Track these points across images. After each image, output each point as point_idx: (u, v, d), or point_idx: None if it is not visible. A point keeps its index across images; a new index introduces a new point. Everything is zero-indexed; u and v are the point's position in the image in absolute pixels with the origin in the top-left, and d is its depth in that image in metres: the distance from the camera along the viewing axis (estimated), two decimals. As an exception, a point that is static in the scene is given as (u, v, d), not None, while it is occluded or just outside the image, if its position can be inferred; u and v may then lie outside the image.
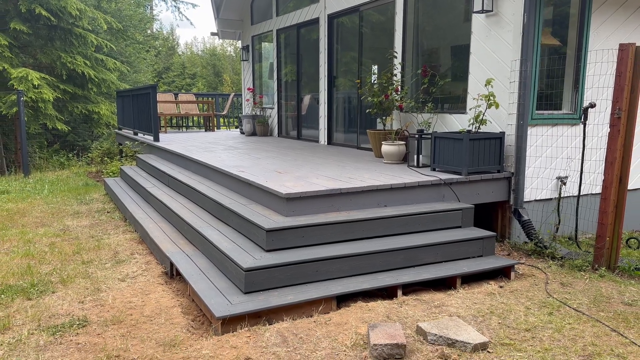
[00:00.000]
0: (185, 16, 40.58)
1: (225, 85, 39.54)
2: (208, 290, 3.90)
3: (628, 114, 4.55)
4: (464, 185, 5.35)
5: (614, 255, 4.73)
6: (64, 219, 7.06)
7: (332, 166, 6.18)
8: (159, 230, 5.66)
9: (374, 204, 4.92)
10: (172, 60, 39.78)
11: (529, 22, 5.25)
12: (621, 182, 4.62)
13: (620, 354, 3.19)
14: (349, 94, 8.56)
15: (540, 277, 4.60)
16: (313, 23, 9.30)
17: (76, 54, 15.27)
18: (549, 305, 3.93)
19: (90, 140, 19.12)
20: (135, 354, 3.22)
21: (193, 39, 64.94)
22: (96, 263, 5.02)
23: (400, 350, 3.13)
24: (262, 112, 11.72)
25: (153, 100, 9.47)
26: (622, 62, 4.50)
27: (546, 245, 5.25)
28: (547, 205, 5.78)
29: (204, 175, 6.72)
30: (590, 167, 5.93)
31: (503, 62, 5.51)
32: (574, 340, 3.37)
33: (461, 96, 6.19)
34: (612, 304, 4.00)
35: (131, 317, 3.77)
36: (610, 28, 5.86)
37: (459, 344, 3.27)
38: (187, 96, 14.74)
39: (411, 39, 7.01)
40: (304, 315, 3.73)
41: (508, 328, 3.55)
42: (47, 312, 3.85)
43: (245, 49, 12.28)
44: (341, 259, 4.16)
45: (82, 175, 12.33)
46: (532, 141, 5.59)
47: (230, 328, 3.49)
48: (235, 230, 4.79)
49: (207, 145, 9.14)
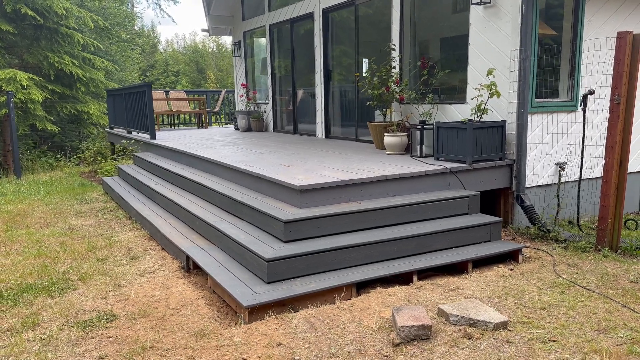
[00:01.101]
0: (166, 13, 40.31)
1: (209, 82, 39.35)
2: (230, 281, 3.99)
3: (627, 99, 4.73)
4: (469, 173, 5.50)
5: (616, 236, 4.92)
6: (68, 219, 7.07)
7: (336, 159, 6.29)
8: (168, 226, 5.72)
9: (384, 194, 5.04)
10: (155, 58, 39.45)
11: (527, 12, 5.39)
12: (621, 165, 4.81)
13: (634, 328, 3.36)
14: (346, 88, 8.66)
15: (547, 259, 4.77)
16: (307, 17, 9.37)
17: (63, 53, 15.11)
18: (560, 285, 4.10)
19: (78, 140, 18.95)
20: (168, 344, 3.30)
21: (174, 35, 64.37)
22: (111, 260, 5.07)
23: (426, 331, 3.26)
24: (256, 108, 11.77)
25: (149, 98, 9.47)
26: (620, 50, 4.67)
27: (549, 229, 5.43)
28: (548, 191, 5.96)
29: (208, 171, 6.78)
30: (587, 152, 6.12)
31: (502, 52, 5.66)
32: (588, 316, 3.54)
33: (460, 87, 6.33)
34: (618, 281, 4.18)
35: (157, 310, 3.85)
36: (603, 17, 6.04)
37: (481, 324, 3.41)
38: (178, 93, 14.70)
39: (408, 31, 7.13)
40: (327, 302, 3.85)
41: (524, 307, 3.71)
42: (72, 308, 3.91)
43: (237, 45, 12.29)
44: (357, 247, 4.28)
45: (76, 175, 12.26)
46: (532, 129, 5.76)
47: (257, 317, 3.59)
48: (249, 224, 4.87)
49: (205, 141, 9.18)
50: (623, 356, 3.01)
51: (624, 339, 3.21)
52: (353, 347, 3.19)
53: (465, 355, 3.06)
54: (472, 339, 3.25)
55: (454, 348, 3.15)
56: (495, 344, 3.19)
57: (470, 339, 3.26)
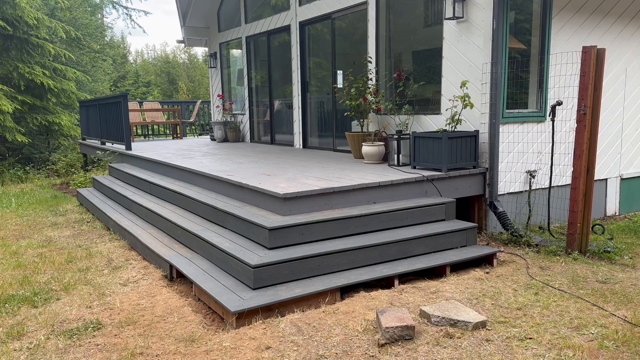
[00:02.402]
0: (137, 23, 40.00)
1: (181, 93, 39.12)
2: (216, 288, 4.05)
3: (592, 110, 5.00)
4: (445, 181, 5.69)
5: (585, 240, 5.16)
6: (44, 231, 6.98)
7: (316, 168, 6.41)
8: (149, 236, 5.73)
9: (364, 201, 5.18)
10: (125, 69, 39.06)
11: (497, 27, 5.65)
12: (589, 172, 5.07)
13: (604, 325, 3.56)
14: (323, 99, 8.82)
15: (520, 263, 4.97)
16: (284, 30, 9.52)
17: (34, 63, 14.89)
18: (534, 287, 4.29)
19: (47, 152, 18.61)
20: (158, 350, 3.34)
21: (145, 46, 63.87)
22: (93, 270, 5.05)
23: (410, 331, 3.39)
24: (232, 119, 11.83)
25: (125, 109, 9.44)
26: (585, 63, 4.95)
27: (521, 234, 5.65)
28: (519, 198, 6.21)
29: (188, 181, 6.81)
30: (556, 160, 6.39)
31: (474, 65, 5.90)
32: (561, 315, 3.73)
33: (435, 98, 6.55)
34: (588, 282, 4.40)
35: (143, 317, 3.88)
36: (569, 31, 6.36)
37: (461, 324, 3.56)
38: (152, 104, 14.64)
39: (384, 44, 7.34)
40: (312, 306, 3.94)
41: (501, 308, 3.88)
42: (57, 317, 3.90)
43: (212, 56, 12.35)
44: (340, 253, 4.39)
45: (47, 187, 12.05)
46: (503, 138, 6.00)
47: (245, 322, 3.66)
48: (233, 232, 4.94)
49: (183, 152, 9.19)
50: (594, 351, 3.19)
51: (595, 335, 3.40)
52: (340, 348, 3.29)
53: (447, 354, 3.20)
54: (453, 338, 3.39)
55: (437, 347, 3.28)
56: (475, 342, 3.34)
57: (451, 338, 3.40)
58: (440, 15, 6.40)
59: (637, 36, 7.08)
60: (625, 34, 6.94)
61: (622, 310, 3.81)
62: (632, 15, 6.92)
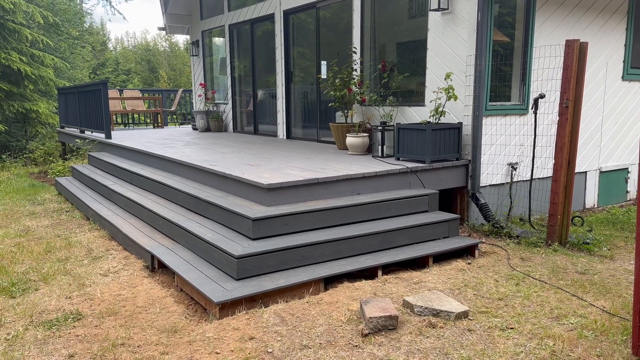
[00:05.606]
0: (117, 10, 39.19)
1: (161, 81, 38.62)
2: (199, 279, 4.01)
3: (574, 103, 5.05)
4: (428, 173, 5.71)
5: (565, 232, 5.24)
6: (21, 220, 6.85)
7: (300, 158, 6.38)
8: (130, 226, 5.66)
9: (348, 192, 5.17)
10: (105, 56, 38.36)
11: (482, 19, 5.67)
12: (570, 164, 5.13)
13: (583, 315, 3.62)
14: (307, 89, 8.77)
15: (501, 254, 5.03)
16: (268, 19, 9.43)
17: (10, 49, 14.51)
18: (515, 277, 4.34)
19: (24, 140, 18.22)
20: (140, 341, 3.30)
21: (125, 33, 62.82)
22: (72, 260, 4.97)
23: (393, 321, 3.40)
24: (215, 108, 11.71)
25: (104, 96, 9.29)
26: (568, 57, 4.99)
27: (502, 225, 5.71)
28: (501, 189, 6.27)
29: (170, 170, 6.73)
30: (538, 153, 6.46)
31: (459, 57, 5.91)
32: (542, 305, 3.78)
33: (419, 90, 6.56)
34: (568, 273, 4.47)
35: (125, 308, 3.83)
36: (552, 25, 6.41)
37: (443, 314, 3.58)
38: (132, 92, 14.40)
39: (369, 35, 7.32)
40: (296, 297, 3.93)
41: (483, 298, 3.92)
42: (36, 308, 3.83)
43: (195, 44, 12.19)
44: (324, 243, 4.39)
45: (24, 176, 11.80)
46: (486, 130, 6.04)
47: (228, 312, 3.64)
48: (216, 222, 4.90)
49: (164, 141, 9.07)
50: (574, 340, 3.24)
51: (575, 325, 3.46)
52: (324, 338, 3.29)
53: (430, 343, 3.22)
54: (436, 328, 3.41)
55: (420, 337, 3.30)
56: (458, 332, 3.37)
57: (434, 327, 3.42)
58: (425, 7, 6.39)
59: (618, 31, 7.17)
60: (607, 29, 7.02)
61: (601, 300, 3.88)
62: (613, 10, 7.00)
